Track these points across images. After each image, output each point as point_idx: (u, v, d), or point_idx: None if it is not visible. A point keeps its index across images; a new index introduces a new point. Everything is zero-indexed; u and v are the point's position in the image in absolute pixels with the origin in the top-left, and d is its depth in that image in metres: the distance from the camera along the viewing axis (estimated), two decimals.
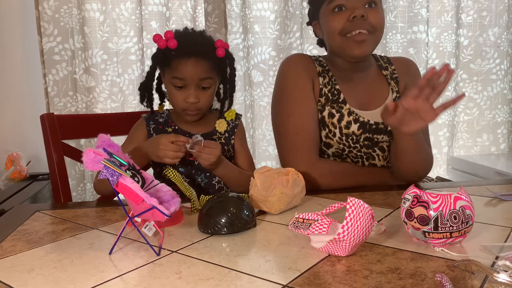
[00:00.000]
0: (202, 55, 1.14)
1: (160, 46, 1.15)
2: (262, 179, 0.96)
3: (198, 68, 1.14)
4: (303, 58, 1.29)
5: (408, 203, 0.74)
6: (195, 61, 1.13)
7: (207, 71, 1.15)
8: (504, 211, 0.95)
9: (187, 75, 1.14)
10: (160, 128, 1.21)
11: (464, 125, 2.54)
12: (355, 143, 1.23)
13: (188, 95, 1.15)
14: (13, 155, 2.04)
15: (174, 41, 1.14)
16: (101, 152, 0.75)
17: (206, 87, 1.17)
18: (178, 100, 1.17)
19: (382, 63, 1.33)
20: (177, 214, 0.91)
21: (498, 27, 2.46)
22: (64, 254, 0.77)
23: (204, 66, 1.15)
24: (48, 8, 2.07)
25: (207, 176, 1.20)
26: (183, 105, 1.16)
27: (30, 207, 1.27)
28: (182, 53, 1.13)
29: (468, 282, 0.61)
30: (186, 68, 1.13)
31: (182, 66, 1.13)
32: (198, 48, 1.15)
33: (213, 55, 1.16)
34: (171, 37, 1.14)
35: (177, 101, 1.17)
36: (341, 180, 1.19)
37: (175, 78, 1.15)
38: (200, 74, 1.14)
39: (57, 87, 2.12)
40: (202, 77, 1.15)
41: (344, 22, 1.16)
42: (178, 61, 1.14)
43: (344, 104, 1.23)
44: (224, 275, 0.66)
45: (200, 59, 1.14)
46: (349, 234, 0.68)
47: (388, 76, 1.30)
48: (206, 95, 1.17)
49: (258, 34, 2.29)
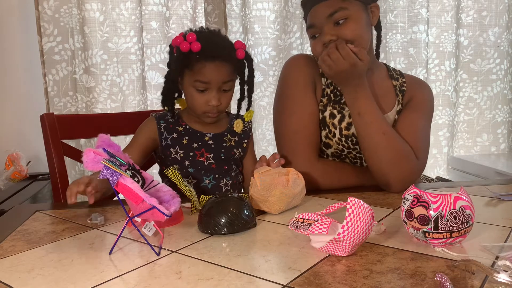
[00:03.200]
0: (225, 58, 1.13)
1: (183, 49, 1.10)
2: (262, 179, 0.96)
3: (222, 71, 1.12)
4: (306, 58, 1.29)
5: (408, 203, 0.74)
6: (220, 64, 1.12)
7: (229, 74, 1.14)
8: (504, 211, 0.95)
9: (211, 79, 1.12)
10: (171, 127, 1.20)
11: (464, 125, 2.54)
12: (355, 144, 1.22)
13: (210, 98, 1.13)
14: (13, 155, 2.04)
15: (198, 44, 1.09)
16: (101, 152, 0.75)
17: (227, 89, 1.16)
18: (199, 103, 1.15)
19: (394, 74, 1.31)
20: (177, 214, 0.91)
21: (498, 27, 2.46)
22: (64, 254, 0.77)
23: (227, 69, 1.13)
24: (48, 8, 2.07)
25: (215, 178, 1.20)
26: (205, 108, 1.15)
27: (30, 207, 1.27)
28: (206, 57, 1.11)
29: (468, 282, 0.61)
30: (210, 72, 1.11)
31: (206, 70, 1.11)
32: (221, 51, 1.13)
33: (234, 57, 1.15)
34: (194, 40, 1.10)
35: (199, 104, 1.15)
36: (340, 180, 1.19)
37: (198, 82, 1.12)
38: (224, 77, 1.13)
39: (57, 87, 2.12)
40: (225, 80, 1.14)
41: (322, 48, 1.15)
42: (202, 64, 1.11)
43: (346, 105, 1.22)
44: (224, 275, 0.66)
45: (223, 62, 1.12)
46: (349, 234, 0.68)
47: (397, 87, 1.28)
48: (227, 97, 1.17)
49: (258, 34, 2.29)
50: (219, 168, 1.20)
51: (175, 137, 1.19)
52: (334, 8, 1.13)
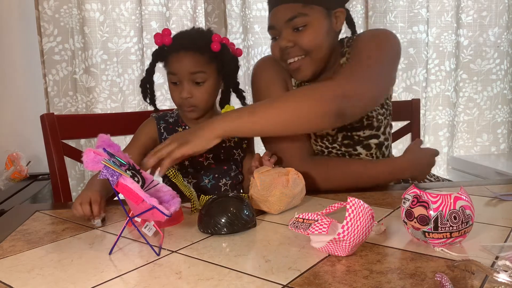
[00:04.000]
0: (192, 48, 1.14)
1: (157, 43, 1.17)
2: (262, 179, 0.96)
3: (188, 62, 1.14)
4: (273, 60, 1.23)
5: (408, 203, 0.74)
6: (185, 55, 1.14)
7: (198, 65, 1.14)
8: (504, 211, 0.95)
9: (178, 69, 1.15)
10: (170, 128, 1.21)
11: (464, 125, 2.54)
12: (332, 143, 1.20)
13: (181, 90, 1.15)
14: (13, 155, 2.04)
15: (169, 37, 1.16)
16: (101, 152, 0.75)
17: (199, 81, 1.15)
18: (174, 95, 1.18)
19: (345, 48, 1.22)
20: (177, 214, 0.91)
21: (498, 27, 2.46)
22: (64, 254, 0.77)
23: (195, 59, 1.14)
24: (48, 8, 2.07)
25: (214, 178, 1.20)
26: (179, 101, 1.17)
27: (30, 207, 1.27)
28: (174, 48, 1.16)
29: (468, 282, 0.61)
30: (176, 63, 1.15)
31: (173, 60, 1.15)
32: (188, 41, 1.16)
33: (206, 49, 1.15)
34: (168, 34, 1.17)
35: (174, 97, 1.19)
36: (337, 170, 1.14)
37: (170, 74, 1.17)
38: (191, 68, 1.13)
39: (57, 87, 2.12)
40: (192, 70, 1.13)
41: (279, 51, 1.14)
42: (171, 56, 1.16)
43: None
44: (224, 275, 0.66)
45: (190, 52, 1.14)
46: (349, 234, 0.68)
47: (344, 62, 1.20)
48: (200, 90, 1.15)
49: (258, 34, 2.29)
50: (218, 168, 1.21)
51: None
52: (293, 13, 1.09)
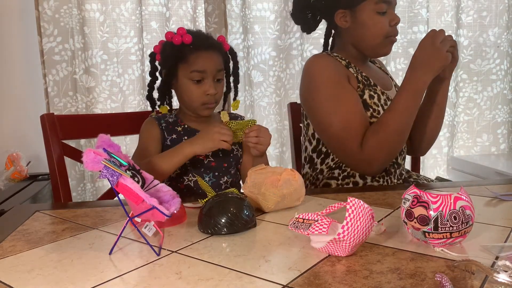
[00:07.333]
0: (216, 47, 1.20)
1: (176, 42, 1.17)
2: (253, 176, 0.98)
3: (215, 60, 1.19)
4: (327, 56, 1.31)
5: (408, 203, 0.74)
6: (212, 53, 1.18)
7: (221, 62, 1.20)
8: (504, 211, 0.95)
9: (207, 67, 1.17)
10: (170, 128, 1.23)
11: (464, 125, 2.54)
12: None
13: (207, 87, 1.17)
14: (13, 155, 2.04)
15: (189, 36, 1.17)
16: (101, 152, 0.75)
17: (220, 79, 1.21)
18: (197, 94, 1.18)
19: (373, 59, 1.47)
20: (180, 213, 0.91)
21: (498, 27, 2.46)
22: (64, 254, 0.77)
23: (219, 58, 1.20)
24: (48, 8, 2.07)
25: (215, 176, 1.21)
26: (203, 99, 1.18)
27: (30, 207, 1.27)
28: (199, 46, 1.17)
29: (468, 282, 0.61)
30: (205, 60, 1.17)
31: (201, 59, 1.17)
32: (212, 41, 1.20)
33: (222, 48, 1.22)
34: (185, 33, 1.18)
35: (196, 96, 1.18)
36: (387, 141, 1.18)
37: (195, 72, 1.17)
38: (217, 65, 1.19)
39: (57, 87, 2.12)
40: (219, 68, 1.19)
41: (387, 27, 1.25)
42: (196, 54, 1.17)
43: (376, 86, 1.31)
44: (224, 275, 0.66)
45: (216, 51, 1.19)
46: (349, 234, 0.68)
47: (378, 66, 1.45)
48: (221, 87, 1.22)
49: (258, 34, 2.29)
50: (218, 165, 1.22)
51: (175, 137, 1.21)
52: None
